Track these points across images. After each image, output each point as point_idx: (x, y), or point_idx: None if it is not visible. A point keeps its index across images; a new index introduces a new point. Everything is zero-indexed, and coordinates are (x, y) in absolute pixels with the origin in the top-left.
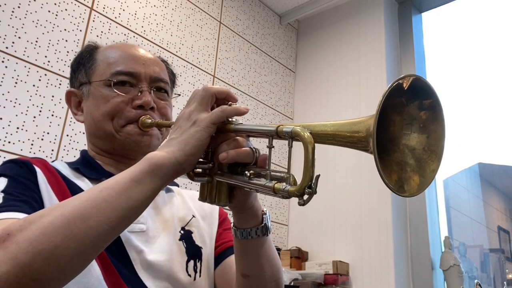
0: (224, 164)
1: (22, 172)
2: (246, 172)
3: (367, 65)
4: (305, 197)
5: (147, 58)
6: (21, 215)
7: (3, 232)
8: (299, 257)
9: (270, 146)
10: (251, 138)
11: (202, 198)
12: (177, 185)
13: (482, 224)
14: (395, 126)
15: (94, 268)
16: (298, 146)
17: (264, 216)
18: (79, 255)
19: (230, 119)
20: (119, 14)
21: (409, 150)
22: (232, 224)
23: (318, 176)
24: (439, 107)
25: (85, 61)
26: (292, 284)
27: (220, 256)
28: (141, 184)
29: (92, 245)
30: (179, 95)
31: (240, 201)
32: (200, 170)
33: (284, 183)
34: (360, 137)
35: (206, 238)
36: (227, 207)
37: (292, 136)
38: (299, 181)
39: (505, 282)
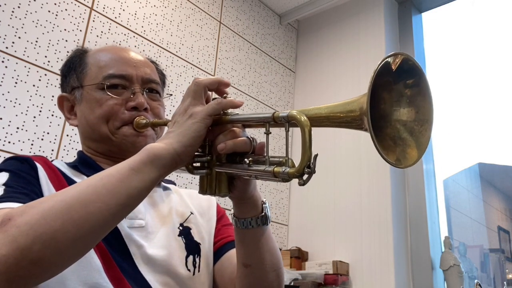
0: (223, 155)
1: (23, 168)
2: (246, 159)
3: (367, 65)
4: (305, 177)
5: (137, 60)
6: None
7: (5, 217)
8: (299, 257)
9: (267, 132)
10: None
11: (202, 190)
12: (173, 183)
13: (482, 224)
14: (385, 104)
15: (95, 261)
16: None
17: (263, 205)
18: (78, 240)
19: (225, 111)
20: (119, 14)
21: (401, 125)
22: (232, 215)
23: (316, 156)
24: (424, 80)
25: (75, 65)
26: (292, 284)
27: (219, 252)
28: (140, 173)
29: (91, 230)
30: (171, 95)
31: (240, 190)
32: (199, 164)
33: (284, 166)
34: (354, 116)
35: (204, 234)
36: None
37: (288, 120)
38: (297, 163)
39: (505, 282)
